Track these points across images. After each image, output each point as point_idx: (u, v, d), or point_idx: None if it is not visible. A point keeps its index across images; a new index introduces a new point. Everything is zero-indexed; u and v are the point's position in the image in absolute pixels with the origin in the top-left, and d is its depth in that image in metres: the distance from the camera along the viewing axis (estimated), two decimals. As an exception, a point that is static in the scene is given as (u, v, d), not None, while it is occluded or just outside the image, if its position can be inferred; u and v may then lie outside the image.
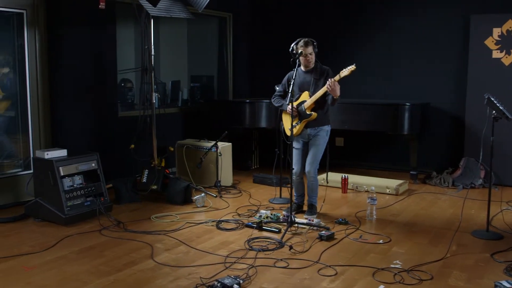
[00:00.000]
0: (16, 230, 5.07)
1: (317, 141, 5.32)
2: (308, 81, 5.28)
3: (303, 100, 5.27)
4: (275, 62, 5.75)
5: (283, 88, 5.51)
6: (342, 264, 4.10)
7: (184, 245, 4.57)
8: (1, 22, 6.26)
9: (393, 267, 4.05)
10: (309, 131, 5.33)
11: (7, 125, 6.40)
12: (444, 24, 7.44)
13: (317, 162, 5.35)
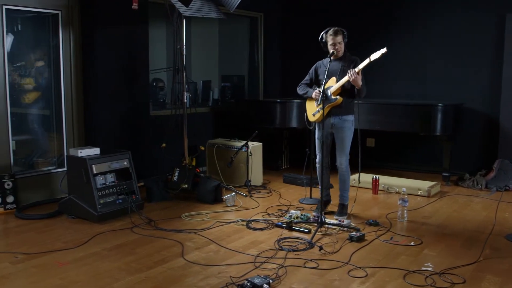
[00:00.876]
0: (50, 226, 5.17)
1: (343, 133, 5.28)
2: (336, 69, 5.23)
3: (330, 85, 5.23)
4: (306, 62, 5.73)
5: (310, 77, 5.49)
6: (372, 266, 4.07)
7: (214, 244, 4.59)
8: (38, 22, 6.39)
9: (424, 269, 4.00)
10: (332, 120, 5.28)
11: (42, 124, 6.54)
12: (478, 23, 7.31)
13: (347, 153, 5.33)
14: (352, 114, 5.33)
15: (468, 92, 7.40)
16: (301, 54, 8.71)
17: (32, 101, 6.37)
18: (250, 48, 9.24)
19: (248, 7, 8.23)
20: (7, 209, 5.64)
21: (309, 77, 5.51)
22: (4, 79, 5.72)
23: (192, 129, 6.51)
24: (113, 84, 6.50)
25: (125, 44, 6.61)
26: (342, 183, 5.45)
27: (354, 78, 4.95)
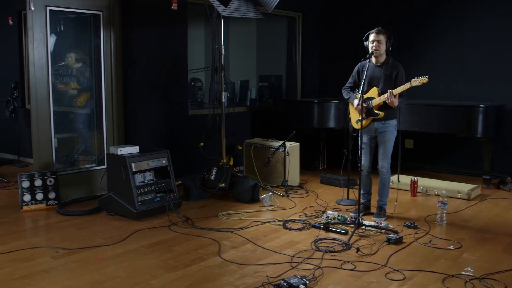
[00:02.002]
0: (90, 223, 5.26)
1: (386, 137, 5.25)
2: (378, 77, 5.19)
3: (371, 96, 5.19)
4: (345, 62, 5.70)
5: (353, 80, 5.46)
6: (410, 269, 4.02)
7: (251, 243, 4.60)
8: (80, 23, 6.53)
9: (464, 274, 3.92)
10: (376, 125, 5.26)
11: (83, 122, 6.68)
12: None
13: (389, 157, 5.29)
14: (395, 119, 5.28)
15: (510, 94, 7.21)
16: (339, 54, 8.67)
17: (84, 103, 6.52)
18: (288, 48, 9.23)
19: (286, 7, 8.22)
20: (49, 205, 5.77)
21: (352, 79, 5.47)
22: (47, 79, 5.86)
23: (230, 129, 6.54)
24: (153, 84, 6.58)
25: (165, 44, 6.68)
26: (382, 186, 5.40)
27: (391, 101, 4.97)
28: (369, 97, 5.19)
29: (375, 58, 5.21)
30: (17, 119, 8.54)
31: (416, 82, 4.91)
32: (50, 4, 5.82)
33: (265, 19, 6.65)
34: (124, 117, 6.55)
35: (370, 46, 5.15)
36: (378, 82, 5.19)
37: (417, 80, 4.91)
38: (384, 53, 5.17)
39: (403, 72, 5.13)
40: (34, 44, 5.75)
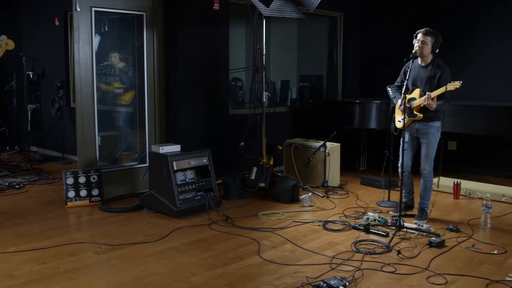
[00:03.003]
0: (131, 220, 5.35)
1: (428, 139, 5.17)
2: (422, 77, 5.12)
3: (414, 97, 5.13)
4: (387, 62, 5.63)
5: (401, 79, 5.40)
6: (453, 273, 3.94)
7: (291, 243, 4.60)
8: (124, 23, 6.64)
9: (508, 280, 3.82)
10: (417, 125, 5.18)
11: (126, 121, 6.79)
12: None
13: (431, 159, 5.21)
14: (438, 120, 5.19)
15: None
16: (381, 55, 8.57)
17: (129, 102, 6.64)
18: (329, 48, 9.18)
19: (328, 7, 8.17)
20: (92, 201, 5.89)
21: (400, 79, 5.41)
22: (92, 78, 5.98)
23: (270, 128, 6.54)
24: (194, 83, 6.64)
25: (206, 44, 6.73)
26: (424, 189, 5.32)
27: (428, 103, 4.91)
28: (412, 97, 5.13)
29: (421, 59, 5.13)
30: (62, 117, 8.74)
31: (451, 86, 4.83)
32: (95, 5, 5.94)
33: (306, 19, 6.63)
34: (166, 116, 6.62)
35: (415, 45, 5.08)
36: (422, 83, 5.12)
37: (452, 84, 4.83)
38: (429, 54, 5.09)
39: (447, 74, 5.03)
40: (79, 44, 5.87)
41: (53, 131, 9.21)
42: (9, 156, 9.04)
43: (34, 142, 9.66)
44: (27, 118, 8.50)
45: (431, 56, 5.11)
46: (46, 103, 9.29)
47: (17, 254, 4.32)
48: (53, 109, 8.87)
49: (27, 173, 7.49)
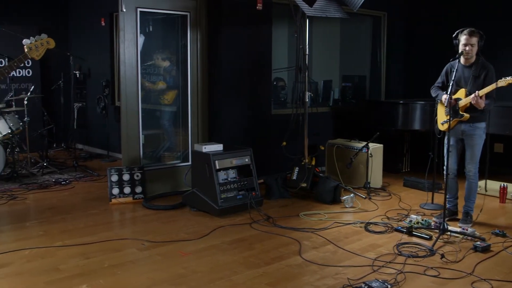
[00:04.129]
0: (174, 217, 5.41)
1: (473, 141, 5.06)
2: (466, 77, 5.01)
3: (459, 97, 5.02)
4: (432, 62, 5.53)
5: (442, 79, 5.30)
6: (498, 279, 3.84)
7: (332, 244, 4.57)
8: (168, 23, 6.72)
9: (558, 286, 3.72)
10: (463, 127, 5.07)
11: (169, 120, 6.87)
12: None
13: (477, 161, 5.10)
14: (484, 122, 5.07)
15: None
16: (426, 54, 8.43)
17: (171, 101, 6.72)
18: (372, 48, 9.09)
19: (371, 6, 8.09)
20: (136, 198, 5.98)
21: (441, 79, 5.32)
22: (136, 77, 6.08)
23: (312, 129, 6.52)
24: (237, 83, 6.67)
25: (249, 44, 6.75)
26: (468, 191, 5.20)
27: (476, 102, 4.80)
28: (456, 98, 5.03)
29: (464, 59, 5.02)
30: (107, 115, 8.92)
31: (502, 82, 4.71)
32: (141, 5, 6.04)
33: (349, 19, 6.58)
34: (208, 115, 6.68)
35: (461, 48, 4.96)
36: (466, 83, 5.01)
37: (503, 80, 4.70)
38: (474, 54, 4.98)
39: (493, 73, 4.92)
40: (125, 44, 5.98)
41: (98, 129, 9.40)
42: (56, 153, 9.28)
43: (80, 140, 9.88)
44: (74, 116, 8.71)
45: (475, 56, 5.00)
46: (91, 101, 9.49)
47: (63, 248, 4.44)
48: (99, 108, 9.06)
49: (73, 170, 7.67)
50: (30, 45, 3.12)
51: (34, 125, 8.18)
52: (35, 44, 3.13)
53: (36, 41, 3.14)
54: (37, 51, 3.15)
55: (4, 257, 4.22)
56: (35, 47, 3.13)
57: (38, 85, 9.29)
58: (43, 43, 3.17)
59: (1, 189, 6.49)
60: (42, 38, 3.17)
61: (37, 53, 3.15)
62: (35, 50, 3.14)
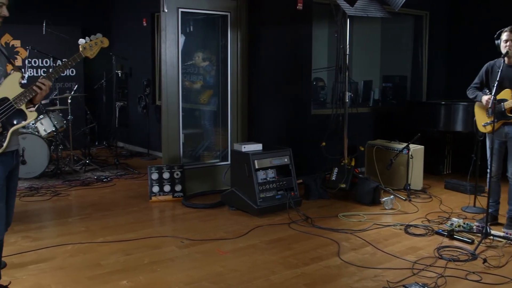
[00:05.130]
0: (212, 216, 5.45)
1: None
2: (510, 77, 4.88)
3: (503, 98, 4.88)
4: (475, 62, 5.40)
5: (480, 80, 5.17)
6: (544, 285, 3.76)
7: (371, 246, 4.53)
8: (208, 23, 6.77)
9: None
10: (506, 129, 4.92)
11: (209, 119, 6.93)
12: None
13: None
14: None
15: None
16: (469, 55, 8.26)
17: (207, 101, 6.77)
18: (414, 48, 8.96)
19: (413, 6, 7.98)
20: (175, 197, 6.05)
21: (478, 80, 5.19)
22: (177, 77, 6.14)
23: (352, 129, 6.47)
24: (277, 83, 6.68)
25: (289, 44, 6.75)
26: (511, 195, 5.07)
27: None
28: (500, 99, 4.89)
29: (508, 58, 4.89)
30: (148, 114, 9.04)
31: None
32: (182, 6, 6.10)
33: (390, 18, 6.51)
34: (248, 114, 6.70)
35: (503, 45, 4.84)
36: (510, 83, 4.88)
37: None
38: None
39: None
40: (166, 44, 6.05)
41: (139, 127, 9.54)
42: (97, 151, 9.46)
43: (121, 138, 10.04)
44: (115, 115, 8.86)
45: None
46: (133, 101, 9.64)
47: (105, 244, 4.52)
48: (140, 107, 9.19)
49: (114, 168, 7.81)
50: (85, 45, 3.20)
51: (77, 123, 8.36)
52: (90, 43, 3.21)
53: (91, 40, 3.22)
54: (91, 50, 3.22)
55: (48, 251, 4.34)
56: (89, 46, 3.21)
57: (82, 84, 9.49)
58: (97, 42, 3.24)
59: (45, 185, 6.66)
60: (97, 37, 3.24)
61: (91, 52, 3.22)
62: (89, 49, 3.21)
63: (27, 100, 3.04)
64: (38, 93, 3.05)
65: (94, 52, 3.25)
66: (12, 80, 3.01)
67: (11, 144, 3.02)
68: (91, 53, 3.23)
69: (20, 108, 3.02)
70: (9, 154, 3.05)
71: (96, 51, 3.26)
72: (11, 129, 2.99)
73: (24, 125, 3.22)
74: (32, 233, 4.83)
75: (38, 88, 3.03)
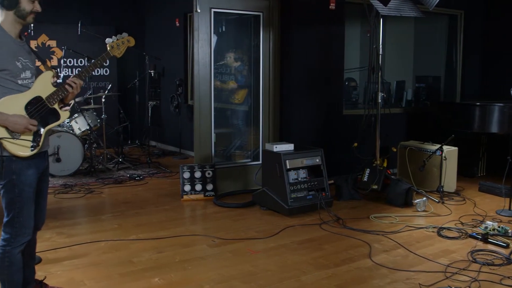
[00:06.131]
0: (244, 215, 5.47)
1: None
2: None
3: None
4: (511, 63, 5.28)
5: None
6: None
7: (403, 248, 4.48)
8: (240, 24, 6.79)
9: None
10: None
11: (241, 119, 6.95)
12: None
13: None
14: None
15: None
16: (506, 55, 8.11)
17: (242, 100, 6.80)
18: (448, 48, 8.83)
19: (448, 5, 7.86)
20: (207, 196, 6.09)
21: None
22: (210, 77, 6.18)
23: (384, 130, 6.41)
24: (309, 83, 6.66)
25: (322, 44, 6.73)
26: None
27: None
28: None
29: None
30: (180, 114, 9.12)
31: None
32: (215, 6, 6.13)
33: (424, 18, 6.43)
34: (280, 114, 6.70)
35: None
36: None
37: None
38: None
39: None
40: (199, 44, 6.09)
41: (171, 127, 9.63)
42: (130, 149, 9.58)
43: (153, 137, 10.15)
44: (148, 114, 8.96)
45: None
46: (165, 100, 9.73)
47: (137, 242, 4.59)
48: (172, 106, 9.28)
49: (146, 166, 7.90)
50: (112, 44, 3.25)
51: (111, 122, 8.49)
52: (117, 42, 3.26)
53: (117, 39, 3.26)
54: (118, 49, 3.27)
55: (82, 247, 4.42)
56: (116, 45, 3.26)
57: (115, 84, 9.62)
58: (124, 41, 3.29)
59: (79, 182, 6.78)
60: (123, 36, 3.29)
61: (118, 51, 3.27)
62: (116, 48, 3.26)
63: (59, 99, 3.08)
64: (69, 91, 3.08)
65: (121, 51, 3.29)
66: (44, 79, 3.04)
67: (44, 144, 3.06)
68: (119, 52, 3.28)
69: (53, 107, 3.06)
70: (41, 155, 3.08)
71: (123, 50, 3.30)
72: (45, 128, 3.03)
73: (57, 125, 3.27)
74: (66, 229, 4.92)
75: (69, 87, 3.06)
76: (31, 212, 3.03)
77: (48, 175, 3.28)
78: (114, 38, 3.27)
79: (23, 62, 2.95)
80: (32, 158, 2.97)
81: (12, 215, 2.96)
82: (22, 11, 2.91)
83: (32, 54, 3.09)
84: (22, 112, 2.91)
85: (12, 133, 2.87)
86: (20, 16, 2.92)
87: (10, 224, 2.97)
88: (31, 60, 3.04)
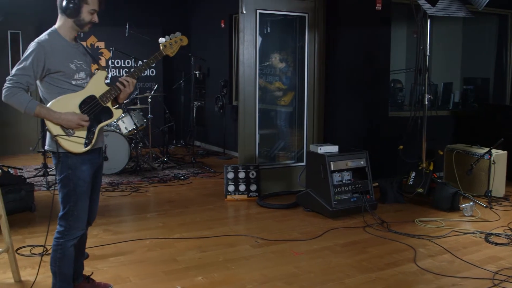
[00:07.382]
0: (287, 216, 5.47)
1: None
2: None
3: None
4: None
5: None
6: None
7: (449, 253, 4.40)
8: (285, 25, 6.80)
9: None
10: None
11: (285, 120, 6.95)
12: None
13: None
14: None
15: None
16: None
17: (288, 102, 6.81)
18: (498, 49, 8.62)
19: (497, 5, 7.67)
20: (250, 196, 6.12)
21: None
22: (255, 77, 6.20)
23: (431, 132, 6.31)
24: (354, 84, 6.61)
25: (367, 45, 6.66)
26: None
27: None
28: None
29: None
30: (224, 114, 9.19)
31: None
32: (260, 7, 6.16)
33: (473, 18, 6.30)
34: (324, 116, 6.67)
35: None
36: None
37: None
38: None
39: None
40: (244, 45, 6.12)
41: (216, 127, 9.70)
42: (175, 149, 9.71)
43: (198, 137, 10.26)
44: (193, 115, 9.06)
45: None
46: (210, 101, 9.82)
47: (181, 240, 4.64)
48: (217, 107, 9.35)
49: (191, 166, 7.99)
50: (165, 43, 3.31)
51: (156, 122, 8.62)
52: (170, 42, 3.32)
53: (170, 39, 3.32)
54: (171, 48, 3.33)
55: (128, 245, 4.51)
56: (169, 44, 3.32)
57: (161, 84, 9.76)
58: (177, 40, 3.34)
59: (125, 181, 6.91)
60: (176, 36, 3.35)
61: (171, 50, 3.33)
62: (169, 47, 3.32)
63: (112, 98, 3.17)
64: (122, 90, 3.16)
65: (174, 50, 3.35)
66: (98, 78, 3.14)
67: (98, 141, 3.16)
68: (171, 51, 3.34)
69: (107, 106, 3.15)
70: (96, 151, 3.19)
71: (176, 49, 3.35)
72: (98, 126, 3.12)
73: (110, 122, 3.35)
74: (113, 226, 5.03)
75: (121, 85, 3.15)
76: (85, 207, 3.14)
77: (101, 172, 3.39)
78: (167, 37, 3.33)
79: (77, 63, 3.06)
80: (87, 154, 3.07)
81: (67, 208, 3.07)
82: (81, 20, 3.02)
83: (87, 55, 3.19)
84: (76, 111, 3.01)
85: (66, 130, 2.97)
86: (79, 25, 3.04)
87: (65, 217, 3.08)
88: (85, 61, 3.14)
